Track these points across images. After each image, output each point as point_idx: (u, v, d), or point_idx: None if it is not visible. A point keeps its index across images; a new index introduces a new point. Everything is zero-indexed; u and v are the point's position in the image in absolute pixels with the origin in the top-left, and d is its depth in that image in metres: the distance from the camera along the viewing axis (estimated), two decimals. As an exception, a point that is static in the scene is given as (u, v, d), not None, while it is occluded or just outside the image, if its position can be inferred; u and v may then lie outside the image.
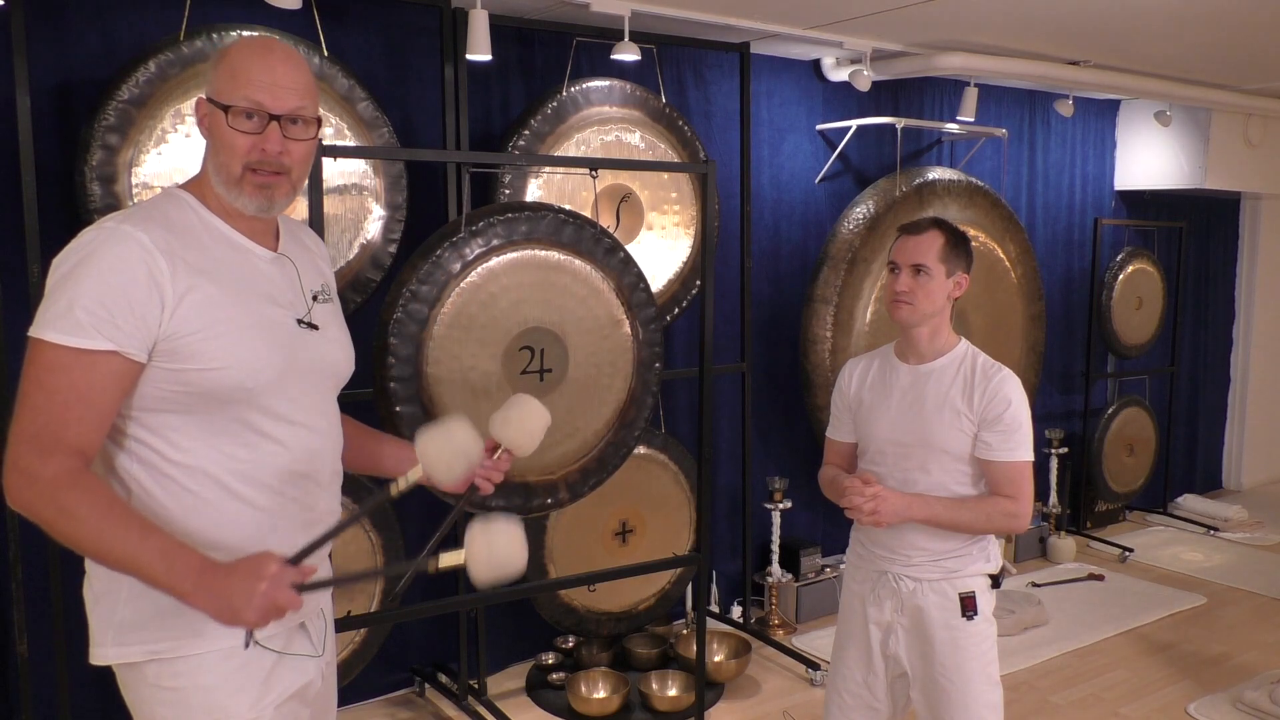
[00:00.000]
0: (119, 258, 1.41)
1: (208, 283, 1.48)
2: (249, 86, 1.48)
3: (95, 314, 1.39)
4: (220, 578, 1.39)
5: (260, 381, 1.51)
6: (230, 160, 1.50)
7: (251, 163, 1.50)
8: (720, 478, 4.36)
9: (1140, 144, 5.73)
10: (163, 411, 1.48)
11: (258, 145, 1.50)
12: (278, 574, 1.39)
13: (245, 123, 1.49)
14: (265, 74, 1.49)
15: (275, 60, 1.51)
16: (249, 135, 1.49)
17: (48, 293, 1.43)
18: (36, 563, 2.91)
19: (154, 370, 1.45)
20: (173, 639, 1.49)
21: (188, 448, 1.49)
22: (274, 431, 1.55)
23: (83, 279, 1.40)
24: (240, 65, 1.50)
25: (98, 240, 1.43)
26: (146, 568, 1.39)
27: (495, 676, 3.81)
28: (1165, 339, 6.04)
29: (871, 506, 2.19)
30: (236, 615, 1.38)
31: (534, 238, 2.91)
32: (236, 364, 1.49)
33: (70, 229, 2.85)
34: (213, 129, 1.52)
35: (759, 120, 4.31)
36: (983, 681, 2.26)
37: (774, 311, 4.49)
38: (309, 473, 1.60)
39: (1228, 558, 5.37)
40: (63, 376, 1.40)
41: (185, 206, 1.53)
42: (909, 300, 2.25)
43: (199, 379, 1.47)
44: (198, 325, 1.46)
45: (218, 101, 1.49)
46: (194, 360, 1.46)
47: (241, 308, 1.51)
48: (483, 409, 2.86)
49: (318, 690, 1.69)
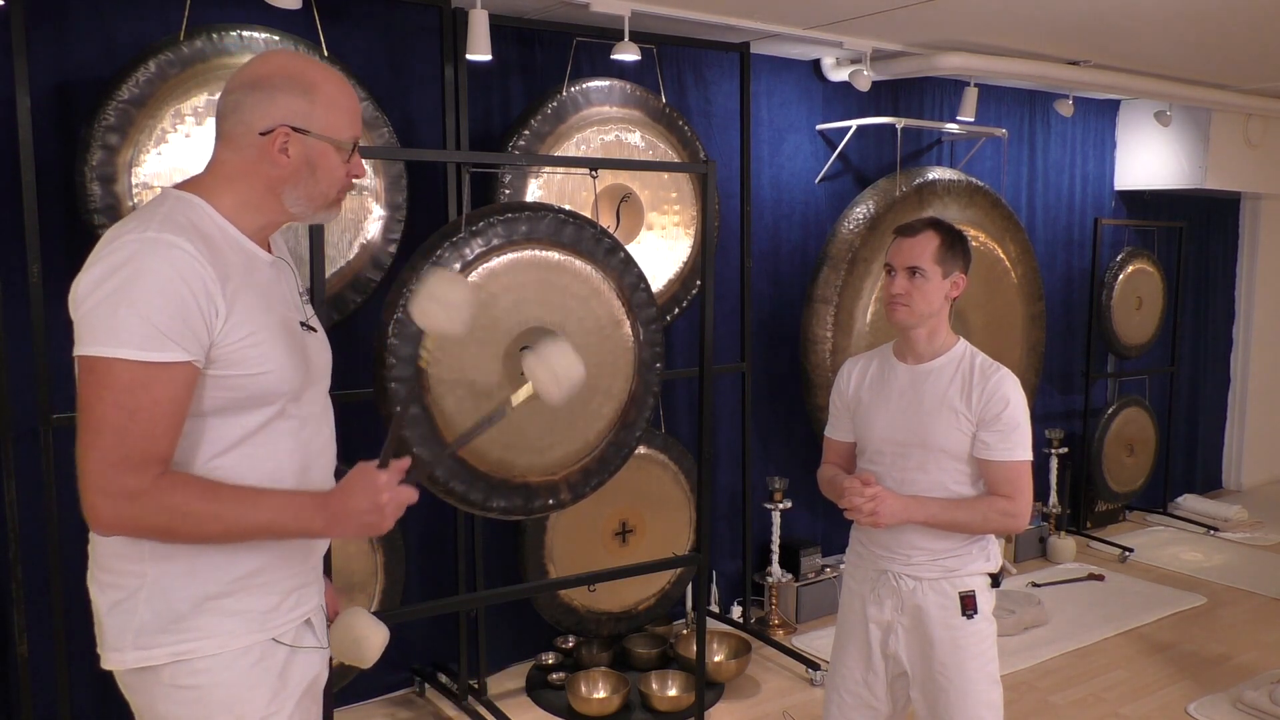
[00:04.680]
0: (173, 268, 1.40)
1: (244, 290, 1.49)
2: (355, 125, 1.60)
3: (170, 326, 1.39)
4: (343, 505, 1.51)
5: (293, 384, 1.56)
6: (331, 188, 1.60)
7: (345, 186, 1.62)
8: (720, 478, 4.36)
9: (1140, 144, 5.73)
10: (197, 416, 1.48)
11: (350, 173, 1.62)
12: (389, 479, 1.53)
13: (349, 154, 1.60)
14: (355, 108, 1.61)
15: (354, 95, 1.62)
16: (345, 164, 1.60)
17: (97, 311, 1.39)
18: (36, 563, 2.91)
19: (202, 377, 1.46)
20: (195, 639, 1.50)
21: (217, 450, 1.50)
22: (292, 430, 1.58)
23: (144, 292, 1.38)
24: (341, 102, 1.58)
25: (142, 252, 1.40)
26: (277, 527, 1.49)
27: (495, 676, 3.81)
28: (1165, 339, 6.04)
29: (871, 507, 2.19)
30: (375, 528, 1.54)
31: (534, 238, 2.91)
32: (277, 368, 1.52)
33: (70, 229, 2.88)
34: (315, 160, 1.56)
35: (759, 120, 4.31)
36: (983, 680, 2.26)
37: (774, 311, 4.49)
38: (317, 468, 1.64)
39: (1228, 558, 5.37)
40: (144, 394, 1.39)
41: (202, 213, 1.52)
42: (905, 302, 2.25)
43: (245, 384, 1.49)
44: (245, 331, 1.48)
45: (332, 138, 1.56)
46: (241, 366, 1.48)
47: (270, 313, 1.54)
48: (483, 409, 2.86)
49: (323, 684, 1.72)
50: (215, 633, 1.51)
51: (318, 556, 1.69)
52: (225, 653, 1.51)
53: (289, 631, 1.60)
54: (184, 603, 1.49)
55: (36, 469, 2.87)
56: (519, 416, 2.93)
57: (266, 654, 1.55)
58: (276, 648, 1.57)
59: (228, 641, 1.52)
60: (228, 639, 1.51)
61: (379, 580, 3.36)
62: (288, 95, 1.53)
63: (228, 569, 1.51)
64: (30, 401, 2.84)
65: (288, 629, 1.59)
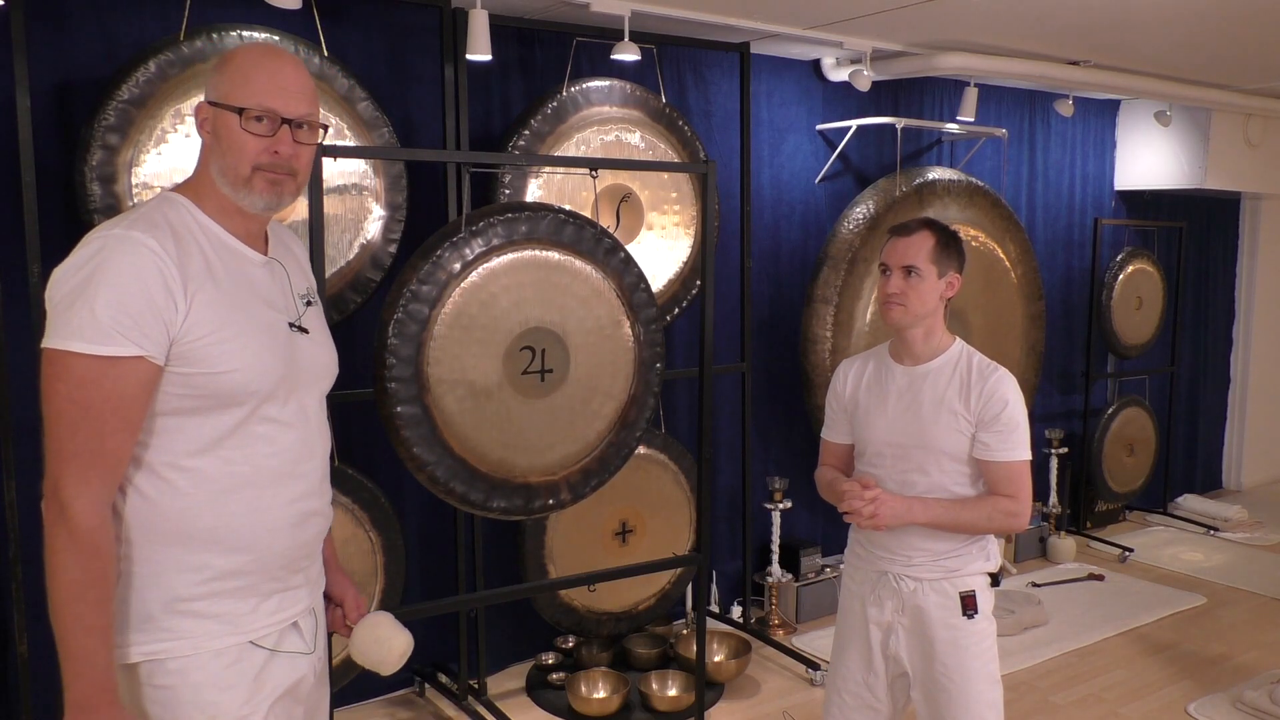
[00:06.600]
0: (133, 264, 1.42)
1: (213, 287, 1.49)
2: (262, 91, 1.51)
3: (120, 320, 1.40)
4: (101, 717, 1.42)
5: (265, 385, 1.54)
6: (239, 162, 1.52)
7: (262, 164, 1.52)
8: (720, 478, 4.36)
9: (1140, 144, 5.73)
10: (164, 415, 1.49)
11: (269, 148, 1.52)
12: None
13: (257, 125, 1.51)
14: (277, 79, 1.52)
15: (285, 66, 1.54)
16: (260, 138, 1.51)
17: (60, 304, 1.42)
18: (36, 563, 2.89)
19: (165, 375, 1.46)
20: (167, 640, 1.51)
21: (187, 451, 1.50)
22: (270, 434, 1.56)
23: (100, 287, 1.40)
24: (251, 70, 1.52)
25: (107, 248, 1.42)
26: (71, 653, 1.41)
27: (495, 676, 3.81)
28: (1165, 339, 6.04)
29: (870, 510, 2.19)
30: None
31: (534, 238, 2.91)
32: (244, 367, 1.51)
33: (70, 229, 2.88)
34: (219, 131, 1.52)
35: (759, 120, 4.31)
36: (983, 680, 2.26)
37: (774, 311, 4.49)
38: (300, 474, 1.62)
39: (1228, 558, 5.37)
40: (94, 389, 1.40)
41: (183, 211, 1.53)
42: (901, 302, 2.24)
43: (208, 383, 1.48)
44: (208, 329, 1.47)
45: (228, 104, 1.50)
46: (204, 364, 1.47)
47: (244, 311, 1.53)
48: (483, 409, 2.86)
49: (310, 687, 1.70)
50: (189, 634, 1.51)
51: (308, 562, 1.68)
52: (199, 654, 1.52)
53: (270, 635, 1.59)
54: (153, 604, 1.49)
55: (37, 469, 2.85)
56: (519, 416, 2.93)
57: (243, 656, 1.55)
58: (254, 650, 1.57)
59: (202, 643, 1.52)
60: (202, 640, 1.52)
61: (379, 580, 3.36)
62: (211, 73, 1.56)
63: (196, 573, 1.51)
64: (31, 401, 2.81)
65: (268, 632, 1.59)
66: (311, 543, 1.67)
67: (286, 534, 1.59)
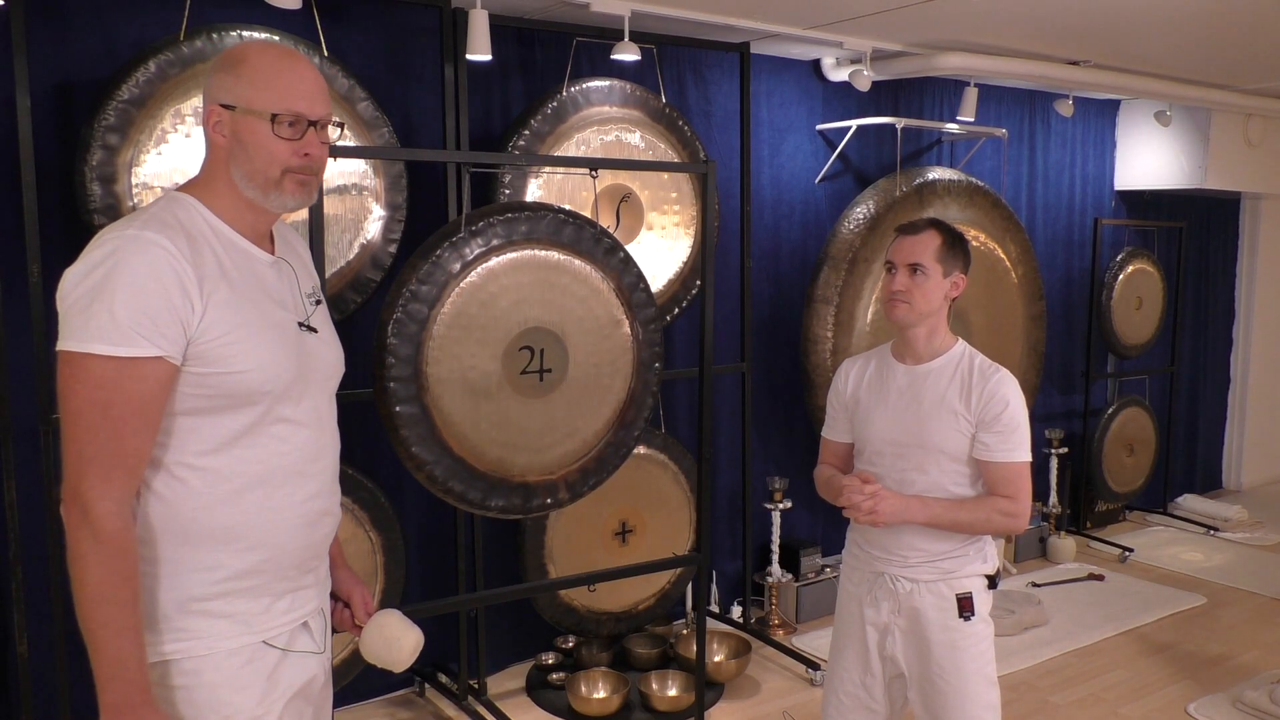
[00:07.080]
0: (149, 264, 1.41)
1: (227, 287, 1.50)
2: (290, 96, 1.52)
3: (139, 321, 1.40)
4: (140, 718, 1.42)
5: (279, 384, 1.55)
6: (269, 166, 1.53)
7: (293, 166, 1.54)
8: (720, 478, 4.36)
9: (1140, 144, 5.73)
10: (179, 415, 1.49)
11: (299, 150, 1.54)
12: None
13: (288, 130, 1.52)
14: (300, 83, 1.54)
15: (304, 67, 1.56)
16: (290, 141, 1.53)
17: (76, 306, 1.41)
18: (36, 563, 2.91)
19: (181, 375, 1.47)
20: (181, 640, 1.51)
21: (201, 451, 1.50)
22: (283, 433, 1.57)
23: (118, 288, 1.39)
24: (272, 74, 1.52)
25: (121, 249, 1.42)
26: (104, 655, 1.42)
27: (495, 676, 3.81)
28: (1165, 339, 6.04)
29: (870, 505, 2.19)
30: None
31: (534, 238, 2.91)
32: (259, 367, 1.51)
33: (70, 229, 2.88)
34: (243, 135, 1.52)
35: (759, 120, 4.31)
36: (980, 682, 2.26)
37: (774, 311, 4.49)
38: (312, 473, 1.62)
39: (1228, 558, 5.36)
40: (114, 390, 1.40)
41: (192, 211, 1.53)
42: (905, 299, 2.25)
43: (224, 382, 1.49)
44: (223, 329, 1.47)
45: (254, 110, 1.51)
46: (220, 364, 1.48)
47: (257, 311, 1.54)
48: (483, 409, 2.86)
49: (320, 687, 1.71)
50: (203, 634, 1.51)
51: (318, 562, 1.69)
52: (214, 654, 1.52)
53: (282, 634, 1.60)
54: (167, 605, 1.49)
55: (36, 469, 2.87)
56: (518, 416, 2.93)
57: (256, 656, 1.56)
58: (267, 650, 1.57)
59: (216, 643, 1.52)
60: (216, 640, 1.52)
61: (379, 580, 3.36)
62: (220, 74, 1.55)
63: (210, 572, 1.51)
64: (30, 401, 2.84)
65: (280, 632, 1.59)
66: (322, 542, 1.68)
67: (299, 533, 1.60)
